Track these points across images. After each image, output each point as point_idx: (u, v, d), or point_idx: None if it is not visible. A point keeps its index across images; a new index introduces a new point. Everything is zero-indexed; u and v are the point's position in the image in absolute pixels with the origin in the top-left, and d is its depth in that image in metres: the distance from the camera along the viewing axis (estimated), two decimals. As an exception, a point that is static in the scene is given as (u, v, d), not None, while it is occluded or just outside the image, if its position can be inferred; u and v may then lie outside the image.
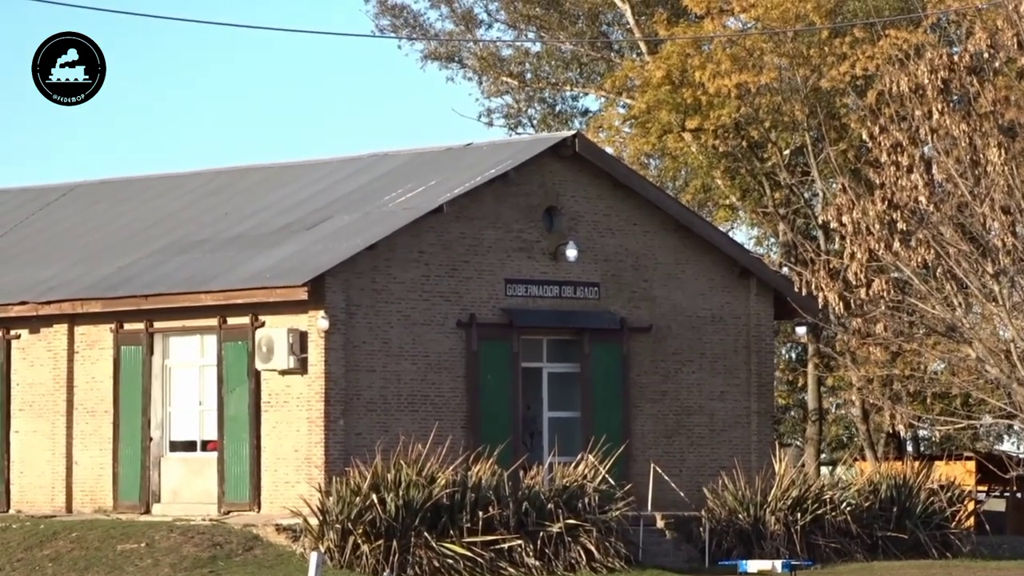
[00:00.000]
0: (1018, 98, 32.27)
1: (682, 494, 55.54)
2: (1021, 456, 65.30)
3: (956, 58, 33.07)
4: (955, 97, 32.44)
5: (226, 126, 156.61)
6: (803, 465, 63.61)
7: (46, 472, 57.11)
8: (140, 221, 61.85)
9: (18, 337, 57.74)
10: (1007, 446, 66.25)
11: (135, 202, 64.27)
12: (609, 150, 67.65)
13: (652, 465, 55.31)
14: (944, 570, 48.39)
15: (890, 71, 35.76)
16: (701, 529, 54.89)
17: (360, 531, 50.21)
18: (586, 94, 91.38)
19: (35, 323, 57.34)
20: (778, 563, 48.62)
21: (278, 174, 63.70)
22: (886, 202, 32.23)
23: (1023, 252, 31.05)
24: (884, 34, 66.56)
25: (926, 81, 32.54)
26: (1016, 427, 41.74)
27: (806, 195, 77.15)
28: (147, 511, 55.26)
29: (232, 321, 54.50)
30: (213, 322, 55.05)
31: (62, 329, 57.07)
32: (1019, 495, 69.01)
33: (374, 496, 50.49)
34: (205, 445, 55.76)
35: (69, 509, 56.12)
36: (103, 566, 50.03)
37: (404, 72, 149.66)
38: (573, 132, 70.13)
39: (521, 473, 52.56)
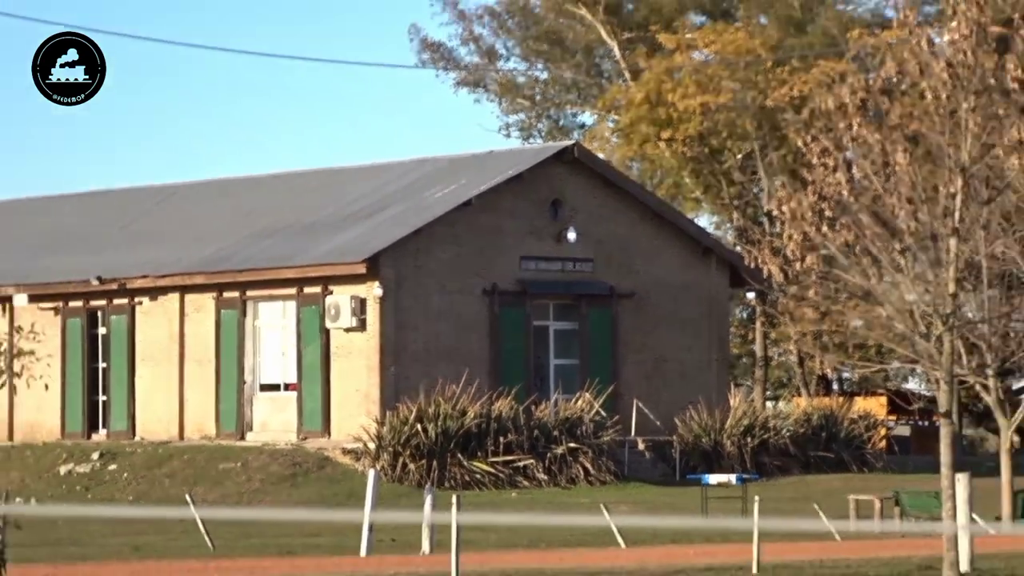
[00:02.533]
0: (919, 114, 32.71)
1: (658, 423, 56.17)
2: (921, 392, 65.60)
3: (871, 82, 33.57)
4: (870, 113, 32.88)
5: (294, 134, 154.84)
6: (752, 401, 64.14)
7: (163, 408, 57.58)
8: (233, 213, 62.26)
9: (140, 303, 58.07)
10: (911, 384, 66.74)
11: (228, 198, 64.68)
12: (601, 156, 68.04)
13: (635, 401, 55.98)
14: (862, 481, 48.84)
15: (820, 93, 36.37)
16: (673, 451, 55.64)
17: (407, 453, 51.05)
18: (583, 112, 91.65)
19: (153, 293, 57.76)
20: (732, 476, 49.21)
21: (340, 175, 64.12)
22: (816, 195, 32.73)
23: (923, 234, 31.63)
24: (815, 64, 67.43)
25: (848, 100, 32.97)
26: (918, 370, 42.26)
27: (755, 190, 77.70)
28: (242, 438, 55.83)
29: (307, 290, 55.16)
30: (292, 291, 55.71)
31: (174, 297, 57.59)
32: (921, 423, 69.58)
33: (418, 426, 51.35)
34: (287, 387, 56.23)
35: (181, 437, 56.58)
36: (208, 481, 50.78)
37: (441, 94, 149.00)
38: (573, 142, 70.19)
39: (533, 408, 53.46)
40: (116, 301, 58.99)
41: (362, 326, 53.97)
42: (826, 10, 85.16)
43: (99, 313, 59.64)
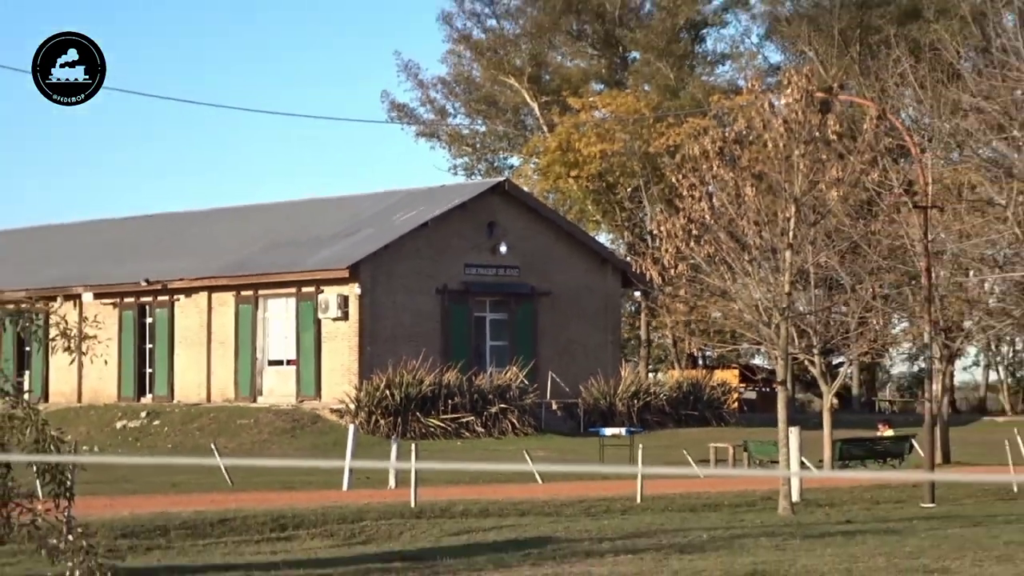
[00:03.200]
0: (763, 158, 32.76)
1: (567, 390, 56.03)
2: (764, 366, 65.80)
3: (727, 134, 33.68)
4: (726, 157, 32.95)
5: (294, 171, 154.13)
6: (638, 372, 64.22)
7: (194, 378, 57.30)
8: (247, 231, 61.96)
9: (178, 300, 57.81)
10: (757, 360, 67.08)
11: (243, 220, 64.29)
12: (525, 189, 68.04)
13: (550, 373, 55.86)
14: (719, 433, 48.78)
15: (688, 142, 36.43)
16: (578, 410, 55.51)
17: (379, 412, 50.79)
18: (511, 156, 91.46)
19: (188, 292, 57.48)
20: (623, 429, 49.19)
21: (328, 203, 63.83)
22: (686, 218, 32.76)
23: (766, 248, 31.72)
24: (686, 121, 67.57)
25: (709, 148, 33.02)
26: (762, 349, 42.24)
27: (640, 215, 77.70)
28: (254, 401, 55.46)
29: (304, 290, 54.93)
30: (293, 290, 55.42)
31: (204, 295, 57.24)
32: (764, 389, 69.75)
33: (387, 392, 51.12)
34: (288, 362, 55.91)
35: (208, 400, 56.21)
36: (228, 433, 50.62)
37: (405, 143, 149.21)
38: (504, 178, 70.12)
39: (473, 378, 53.33)
40: (159, 298, 58.78)
41: (345, 317, 53.96)
42: (694, 80, 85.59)
43: (146, 307, 59.45)
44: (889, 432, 48.14)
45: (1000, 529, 23.87)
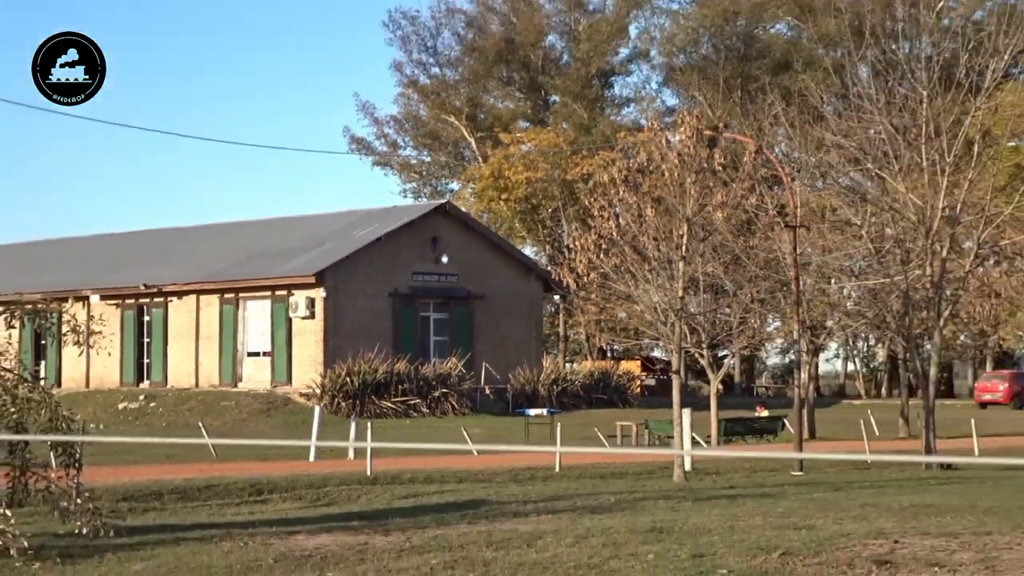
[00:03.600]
0: (661, 185, 32.81)
1: (498, 377, 56.02)
2: (662, 358, 65.97)
3: (631, 165, 33.77)
4: (630, 184, 33.01)
5: (270, 194, 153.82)
6: (557, 362, 64.46)
7: (185, 367, 56.96)
8: (230, 244, 61.56)
9: (171, 301, 57.42)
10: (656, 353, 67.36)
11: (227, 235, 63.84)
12: (463, 209, 68.19)
13: (484, 364, 55.89)
14: (624, 414, 48.93)
15: (599, 171, 36.58)
16: (507, 394, 55.56)
17: (340, 395, 50.66)
18: (452, 182, 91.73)
19: (180, 294, 57.09)
20: (544, 410, 49.30)
21: (298, 220, 63.76)
22: (597, 235, 32.79)
23: (663, 260, 31.77)
24: (597, 153, 67.63)
25: (616, 176, 33.09)
26: (660, 344, 42.27)
27: (559, 231, 77.86)
28: (235, 386, 55.17)
29: (278, 293, 54.75)
30: (268, 293, 55.21)
31: (193, 297, 56.89)
32: (662, 377, 69.85)
33: (347, 378, 51.04)
34: (264, 353, 55.59)
35: (197, 385, 55.91)
36: (214, 413, 50.33)
37: (363, 170, 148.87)
38: (445, 200, 70.51)
39: (419, 367, 53.34)
40: (155, 300, 58.48)
41: (312, 316, 53.85)
42: (603, 119, 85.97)
43: (144, 307, 59.15)
44: (764, 413, 48.44)
45: (857, 493, 24.01)
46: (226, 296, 56.91)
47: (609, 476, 28.37)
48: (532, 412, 49.05)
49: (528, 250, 75.14)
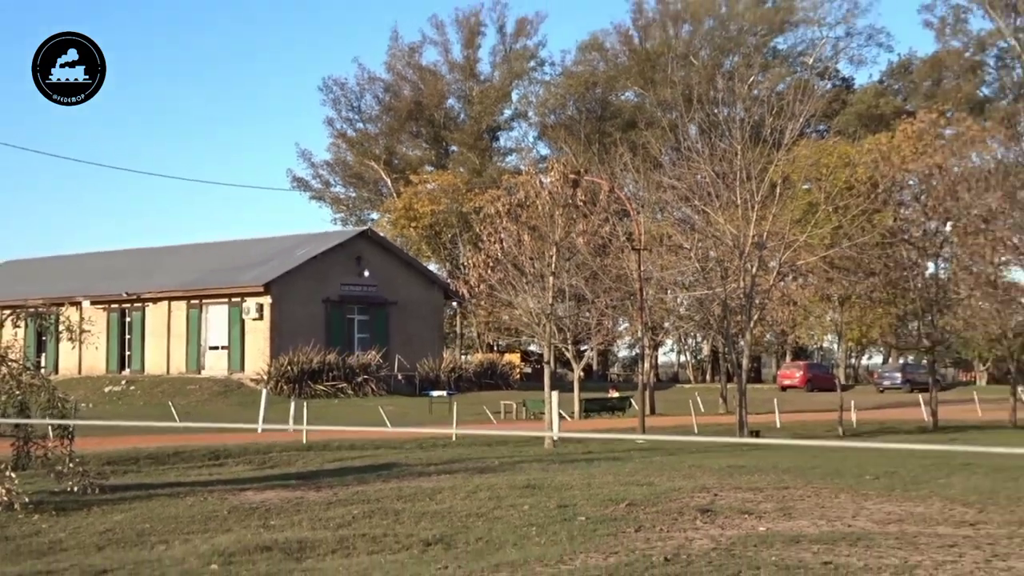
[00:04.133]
0: (535, 216, 32.91)
1: (408, 366, 55.87)
2: (536, 351, 66.02)
3: (513, 200, 33.87)
4: (512, 215, 33.09)
5: (227, 221, 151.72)
6: (454, 354, 64.47)
7: (159, 358, 56.07)
8: (195, 260, 60.61)
9: (148, 306, 56.58)
10: (532, 347, 67.42)
11: (193, 253, 62.96)
12: (381, 234, 67.92)
13: (396, 356, 55.69)
14: (507, 395, 48.77)
15: (488, 204, 36.66)
16: (415, 379, 55.22)
17: (283, 380, 50.14)
18: (373, 212, 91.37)
19: (155, 300, 56.24)
20: (444, 392, 49.28)
21: (250, 243, 62.72)
22: (485, 255, 32.84)
23: (538, 274, 31.83)
24: (486, 191, 67.58)
25: (501, 209, 33.19)
26: (535, 340, 42.31)
27: (457, 252, 77.85)
28: (199, 373, 54.40)
29: (234, 300, 53.95)
30: (226, 300, 54.40)
31: (166, 303, 56.08)
32: (536, 366, 69.83)
33: (289, 367, 50.58)
34: (223, 347, 54.86)
35: (168, 372, 55.07)
36: (181, 395, 49.47)
37: (302, 203, 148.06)
38: (367, 227, 70.20)
39: (346, 358, 53.05)
40: (135, 305, 57.55)
41: (261, 317, 53.35)
42: (491, 165, 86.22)
43: (126, 311, 58.17)
44: (616, 394, 48.78)
45: (686, 457, 24.19)
46: (192, 302, 56.20)
47: (495, 444, 28.37)
48: (435, 393, 49.09)
49: (432, 266, 74.94)
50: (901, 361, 71.70)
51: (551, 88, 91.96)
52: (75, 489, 16.22)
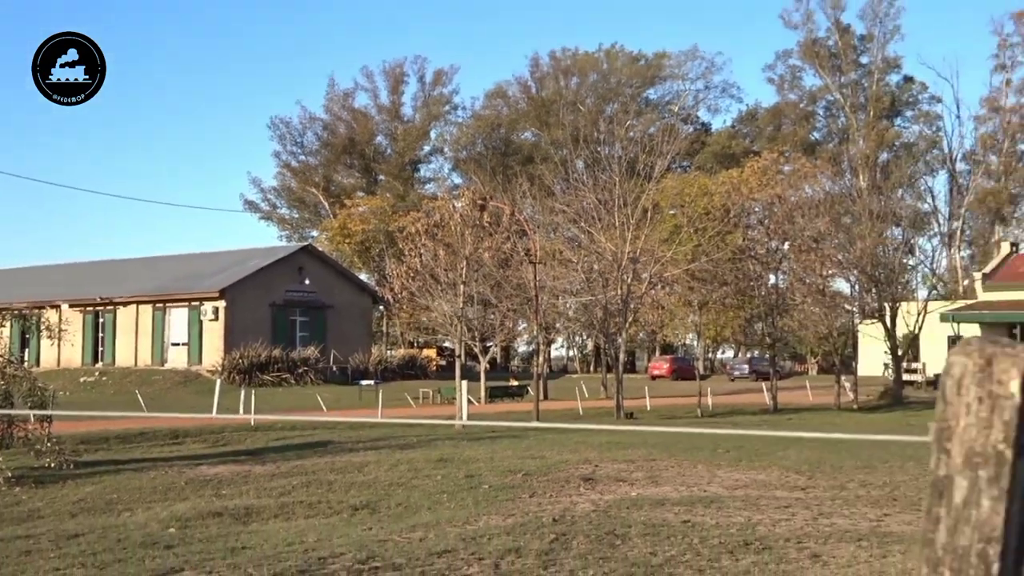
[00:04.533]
0: (450, 234, 32.84)
1: (342, 359, 55.28)
2: (450, 347, 65.50)
3: (431, 221, 33.79)
4: (431, 234, 33.00)
5: (188, 236, 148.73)
6: (382, 350, 63.91)
7: (128, 352, 55.00)
8: (160, 270, 59.38)
9: (119, 308, 55.51)
10: (447, 344, 66.78)
11: (158, 264, 61.96)
12: (320, 249, 67.28)
13: (332, 351, 55.16)
14: (426, 383, 48.61)
15: (410, 224, 36.51)
16: (348, 371, 54.70)
17: (235, 372, 49.11)
18: (313, 231, 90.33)
19: (125, 304, 55.22)
20: (372, 381, 48.86)
21: (208, 256, 61.60)
22: (407, 267, 32.73)
23: (451, 283, 31.76)
24: (408, 213, 67.30)
25: (420, 228, 33.08)
26: (449, 338, 42.18)
27: (383, 264, 77.44)
28: (163, 365, 53.46)
29: (193, 303, 53.02)
30: (187, 304, 53.43)
31: (134, 306, 55.02)
32: (450, 359, 69.38)
33: (240, 360, 49.78)
34: (184, 344, 54.00)
35: (136, 364, 54.04)
36: (147, 384, 48.28)
37: (252, 223, 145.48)
38: (308, 243, 69.54)
39: (289, 353, 52.38)
40: (108, 307, 56.36)
41: (216, 318, 52.50)
42: (413, 191, 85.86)
43: (99, 312, 56.96)
44: (515, 382, 48.77)
45: (572, 435, 24.26)
46: (157, 305, 55.11)
47: (414, 425, 28.24)
48: (364, 382, 48.57)
49: (363, 276, 74.18)
50: (748, 355, 72.82)
51: (463, 128, 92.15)
52: (52, 465, 15.87)
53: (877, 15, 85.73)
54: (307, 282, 56.86)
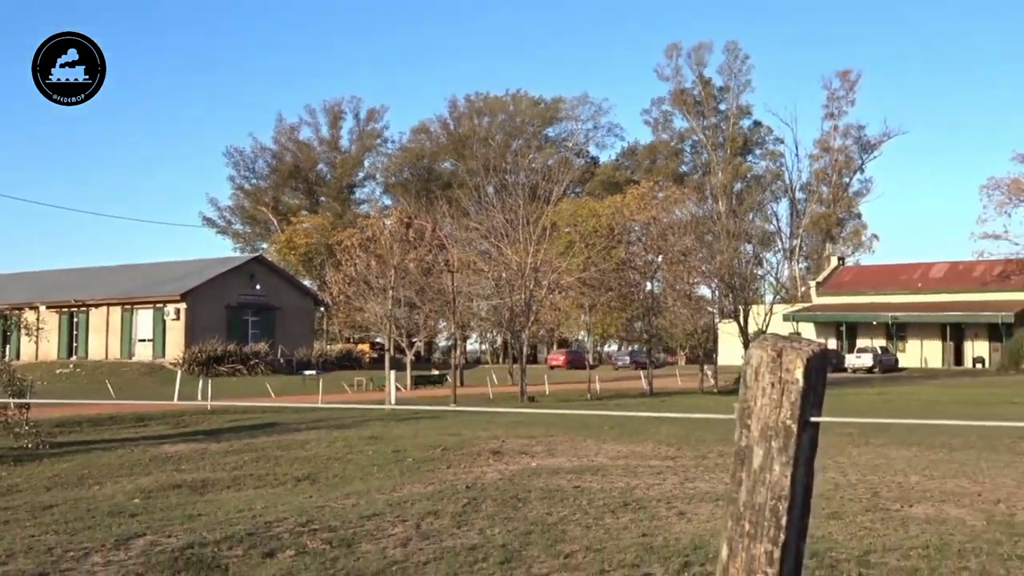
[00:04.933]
0: (380, 248, 32.55)
1: (289, 353, 54.35)
2: (381, 342, 64.95)
3: (364, 236, 33.49)
4: (364, 247, 32.67)
5: (154, 247, 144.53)
6: (324, 345, 62.87)
7: (99, 347, 53.39)
8: (129, 276, 57.86)
9: (91, 310, 53.96)
10: (379, 339, 66.05)
11: (125, 271, 60.33)
12: (270, 259, 66.14)
13: (280, 346, 54.29)
14: (360, 372, 48.07)
15: (346, 239, 36.10)
16: (294, 362, 53.86)
17: (195, 364, 47.74)
18: (264, 243, 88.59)
19: (96, 306, 53.64)
20: (314, 371, 48.17)
21: (171, 264, 59.92)
22: (344, 275, 32.37)
23: (382, 288, 31.46)
24: (345, 229, 66.48)
25: (355, 242, 32.74)
26: (380, 334, 41.71)
27: (324, 272, 76.44)
28: (130, 359, 52.03)
29: (157, 305, 51.67)
30: (151, 305, 52.04)
31: (105, 308, 53.40)
32: (381, 353, 68.90)
33: (199, 354, 48.50)
34: (149, 340, 52.56)
35: (106, 358, 52.56)
36: (117, 375, 46.93)
37: (210, 236, 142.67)
38: (259, 253, 68.44)
39: (242, 348, 51.30)
40: (81, 309, 54.68)
41: (178, 318, 51.26)
42: (350, 211, 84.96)
43: (74, 313, 55.23)
44: (436, 372, 48.47)
45: (483, 416, 24.18)
46: (125, 307, 53.56)
47: (350, 409, 27.92)
48: (307, 372, 47.84)
49: (306, 282, 72.99)
50: (629, 348, 73.60)
51: (392, 158, 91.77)
52: (30, 446, 15.30)
53: (732, 71, 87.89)
54: (258, 287, 55.79)
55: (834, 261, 77.12)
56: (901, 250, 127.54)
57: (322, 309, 65.68)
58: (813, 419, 2.12)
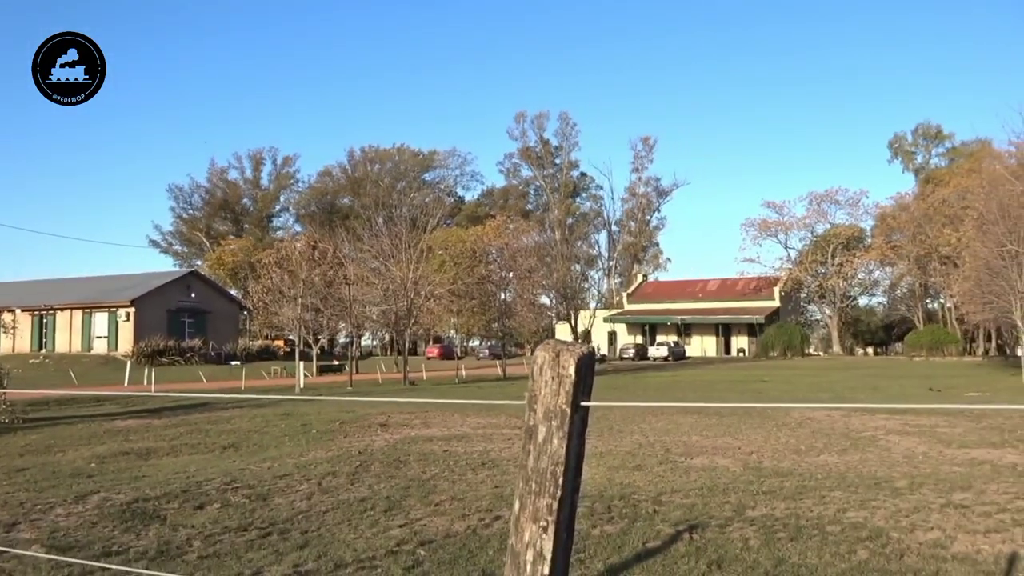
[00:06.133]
0: (292, 265, 31.77)
1: (220, 347, 52.06)
2: (292, 339, 63.15)
3: (281, 254, 32.60)
4: (280, 265, 31.86)
5: (109, 263, 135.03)
6: (247, 341, 60.49)
7: (65, 342, 49.97)
8: (88, 287, 54.27)
9: (58, 312, 50.50)
10: (291, 337, 64.31)
11: (86, 282, 56.40)
12: (204, 273, 63.21)
13: (211, 342, 51.89)
14: (276, 363, 46.78)
15: (265, 258, 35.01)
16: (223, 354, 51.53)
17: (143, 355, 45.24)
18: (200, 260, 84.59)
19: (62, 310, 50.29)
20: (238, 362, 46.30)
21: (123, 277, 56.17)
22: (263, 287, 31.48)
23: (294, 297, 30.64)
24: (265, 249, 64.40)
25: (272, 261, 31.87)
26: (293, 333, 40.63)
27: (248, 284, 73.60)
28: (89, 352, 48.87)
29: (111, 309, 48.89)
30: (107, 310, 49.18)
31: (69, 311, 50.17)
32: (293, 348, 66.88)
33: (145, 347, 46.04)
34: (104, 337, 49.57)
35: (70, 351, 49.20)
36: (78, 365, 43.48)
37: (154, 255, 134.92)
38: (194, 268, 65.29)
39: (180, 343, 48.92)
40: (49, 312, 51.13)
41: (128, 320, 48.68)
42: (268, 236, 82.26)
43: (43, 315, 51.52)
44: (337, 362, 47.59)
45: (374, 397, 24.05)
46: (86, 310, 50.34)
47: (267, 392, 27.16)
48: (233, 363, 46.17)
49: (233, 291, 70.17)
50: (488, 343, 74.20)
51: (302, 195, 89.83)
52: (5, 421, 14.43)
53: (565, 134, 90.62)
54: (193, 295, 53.43)
55: (640, 278, 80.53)
56: (687, 269, 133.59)
57: (245, 313, 63.26)
58: (583, 403, 2.24)
